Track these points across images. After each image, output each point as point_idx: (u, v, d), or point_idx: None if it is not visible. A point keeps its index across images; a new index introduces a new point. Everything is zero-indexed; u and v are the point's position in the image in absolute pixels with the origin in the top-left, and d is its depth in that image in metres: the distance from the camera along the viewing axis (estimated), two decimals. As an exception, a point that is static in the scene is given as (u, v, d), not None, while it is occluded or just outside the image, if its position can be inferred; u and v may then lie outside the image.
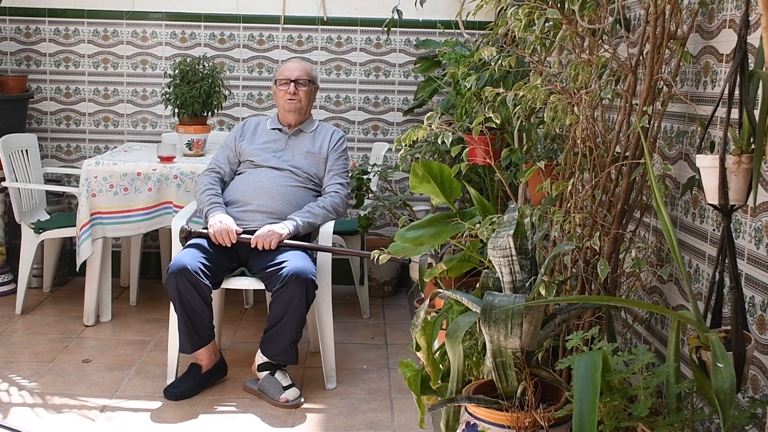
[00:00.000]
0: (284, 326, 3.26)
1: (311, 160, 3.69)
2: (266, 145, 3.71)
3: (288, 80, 3.67)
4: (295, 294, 3.21)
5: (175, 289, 3.23)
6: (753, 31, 1.97)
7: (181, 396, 3.31)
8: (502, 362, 2.03)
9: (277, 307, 3.26)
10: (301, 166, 3.66)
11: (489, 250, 2.15)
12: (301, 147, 3.72)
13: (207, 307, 3.30)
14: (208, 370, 3.42)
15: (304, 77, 3.69)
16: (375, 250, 2.76)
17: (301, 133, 3.76)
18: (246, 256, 3.47)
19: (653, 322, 2.62)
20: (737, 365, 1.75)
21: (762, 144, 1.72)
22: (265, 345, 3.34)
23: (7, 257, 4.60)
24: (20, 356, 3.72)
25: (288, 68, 3.72)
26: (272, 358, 3.34)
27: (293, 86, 3.67)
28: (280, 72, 3.74)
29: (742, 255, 2.06)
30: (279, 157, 3.68)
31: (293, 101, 3.68)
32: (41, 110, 4.96)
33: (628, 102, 2.36)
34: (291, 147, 3.72)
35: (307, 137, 3.75)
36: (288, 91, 3.67)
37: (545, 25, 2.48)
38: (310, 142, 3.74)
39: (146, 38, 4.91)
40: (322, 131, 3.79)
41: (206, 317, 3.33)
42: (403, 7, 4.15)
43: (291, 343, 3.30)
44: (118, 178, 3.98)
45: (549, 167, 2.72)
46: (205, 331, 3.36)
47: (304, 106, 3.72)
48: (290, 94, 3.67)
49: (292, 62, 3.79)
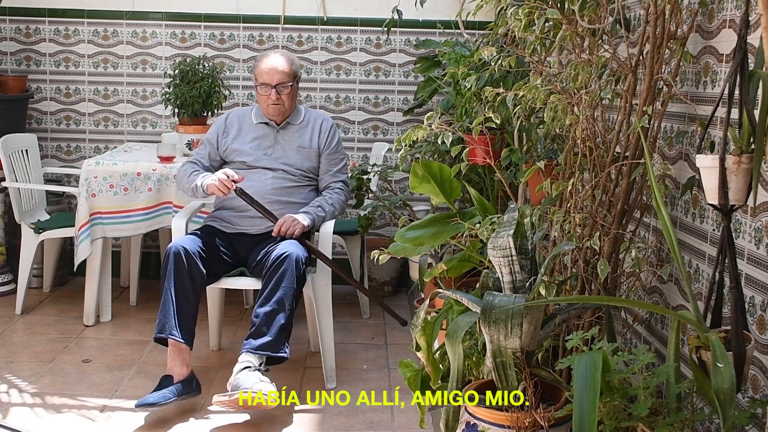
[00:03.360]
0: (274, 309, 3.13)
1: (303, 155, 3.59)
2: (256, 143, 3.58)
3: (269, 86, 3.49)
4: (286, 271, 3.15)
5: (172, 267, 3.17)
6: (753, 31, 1.97)
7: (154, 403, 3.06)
8: (502, 362, 2.03)
9: (266, 289, 3.16)
10: (293, 163, 3.56)
11: (489, 250, 2.14)
12: (292, 141, 3.60)
13: (195, 298, 3.21)
14: (181, 380, 3.17)
15: (285, 80, 3.49)
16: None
17: (290, 125, 3.62)
18: (245, 253, 3.47)
19: (653, 322, 2.62)
20: (737, 365, 1.75)
21: (762, 144, 1.72)
22: (251, 336, 3.13)
23: (7, 257, 4.60)
24: (20, 356, 3.72)
25: (267, 71, 3.49)
26: (262, 349, 3.11)
27: (275, 92, 3.49)
28: (259, 73, 3.52)
29: (742, 255, 2.06)
30: (270, 155, 3.56)
31: (276, 105, 3.53)
32: (41, 110, 4.96)
33: (628, 102, 2.36)
34: (281, 142, 3.59)
35: (296, 130, 3.62)
36: (270, 96, 3.50)
37: (545, 25, 2.48)
38: (300, 136, 3.61)
39: (146, 38, 4.91)
40: (310, 121, 3.65)
41: (191, 310, 3.20)
42: (403, 7, 4.15)
43: (281, 330, 3.12)
44: (118, 178, 3.98)
45: (549, 167, 2.72)
46: (186, 326, 3.18)
47: (288, 107, 3.58)
48: (272, 99, 3.50)
49: (271, 62, 3.51)
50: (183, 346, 3.21)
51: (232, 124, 3.65)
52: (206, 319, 3.79)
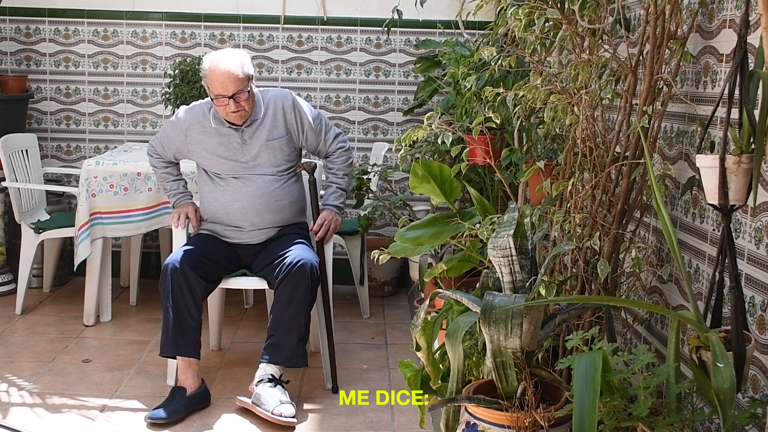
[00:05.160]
0: (291, 321, 3.17)
1: (273, 147, 3.38)
2: (221, 148, 3.37)
3: (225, 97, 3.24)
4: (301, 282, 3.16)
5: (169, 284, 3.18)
6: (753, 31, 1.97)
7: (169, 419, 3.05)
8: (502, 362, 2.03)
9: (281, 299, 3.19)
10: (267, 161, 3.37)
11: (489, 250, 2.15)
12: (258, 138, 3.37)
13: (197, 311, 3.20)
14: (192, 393, 3.18)
15: (240, 87, 3.23)
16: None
17: (254, 122, 3.38)
18: (248, 258, 3.44)
19: (653, 322, 2.62)
20: (737, 365, 1.75)
21: (762, 144, 1.72)
22: (270, 350, 3.19)
23: (7, 257, 4.60)
24: (20, 356, 3.72)
25: (220, 82, 3.22)
26: (281, 363, 3.18)
27: (233, 103, 3.25)
28: (212, 83, 3.25)
29: (742, 255, 2.06)
30: (240, 159, 3.36)
31: (237, 113, 3.29)
32: (41, 110, 4.96)
33: (628, 102, 2.36)
34: (248, 142, 3.37)
35: (259, 124, 3.38)
36: (228, 106, 3.26)
37: (545, 25, 2.48)
38: (265, 129, 3.38)
39: (146, 38, 4.91)
40: (270, 107, 3.40)
41: (194, 323, 3.20)
42: (403, 7, 4.15)
43: (299, 341, 3.19)
44: (118, 178, 3.98)
45: (549, 167, 2.72)
46: (191, 340, 3.21)
47: (250, 109, 3.34)
48: (232, 109, 3.27)
49: (221, 71, 3.22)
50: (192, 360, 3.22)
51: (191, 128, 3.42)
52: (206, 319, 3.78)
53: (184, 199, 3.55)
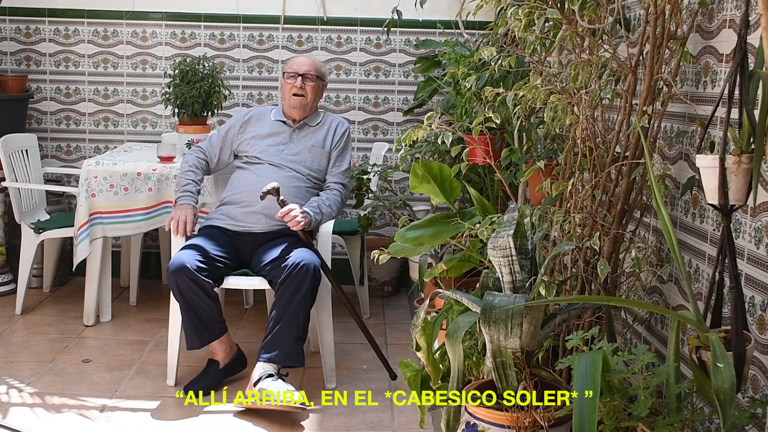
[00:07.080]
0: (290, 320, 3.21)
1: (314, 154, 3.63)
2: (270, 138, 3.64)
3: (296, 74, 3.61)
4: (302, 284, 3.20)
5: (177, 287, 3.23)
6: (753, 31, 1.97)
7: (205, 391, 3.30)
8: (502, 362, 2.03)
9: (282, 299, 3.22)
10: (303, 161, 3.60)
11: (489, 250, 2.15)
12: (305, 141, 3.66)
13: (212, 300, 3.28)
14: (226, 363, 3.41)
15: (312, 72, 3.63)
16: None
17: (306, 126, 3.69)
18: (248, 255, 3.47)
19: (653, 322, 2.62)
20: (737, 365, 1.75)
21: (762, 144, 1.72)
22: (268, 347, 3.21)
23: (7, 257, 4.60)
24: (20, 356, 3.72)
25: (297, 62, 3.68)
26: (279, 361, 3.21)
27: (300, 80, 3.60)
28: (289, 65, 3.69)
29: (742, 255, 2.06)
30: (282, 151, 3.61)
31: (299, 97, 3.61)
32: (41, 110, 4.96)
33: (628, 102, 2.36)
34: (295, 141, 3.65)
35: (311, 131, 3.68)
36: (295, 84, 3.60)
37: (545, 25, 2.48)
38: (315, 136, 3.67)
39: (146, 38, 4.91)
40: (326, 123, 3.72)
41: (213, 310, 3.30)
42: (403, 7, 4.15)
43: (297, 340, 3.23)
44: (118, 178, 3.98)
45: (549, 167, 2.72)
46: (215, 324, 3.33)
47: (310, 102, 3.65)
48: (297, 88, 3.60)
49: (302, 57, 3.75)
50: (221, 338, 3.38)
51: (252, 120, 3.73)
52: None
53: (189, 199, 3.55)
